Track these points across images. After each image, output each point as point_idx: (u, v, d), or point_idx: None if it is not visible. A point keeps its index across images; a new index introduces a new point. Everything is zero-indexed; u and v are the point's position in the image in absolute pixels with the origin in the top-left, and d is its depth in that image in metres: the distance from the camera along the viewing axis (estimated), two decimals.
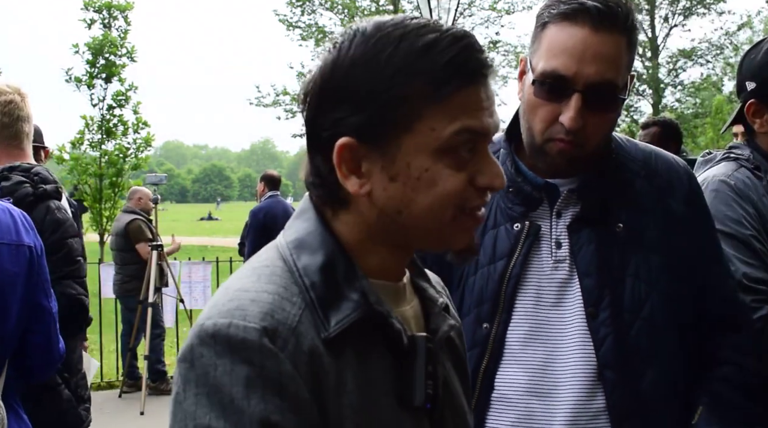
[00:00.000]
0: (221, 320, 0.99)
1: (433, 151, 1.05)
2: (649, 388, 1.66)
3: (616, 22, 1.62)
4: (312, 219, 1.13)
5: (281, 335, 0.99)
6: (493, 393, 1.70)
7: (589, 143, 1.67)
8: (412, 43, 1.03)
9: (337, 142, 1.06)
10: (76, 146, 15.98)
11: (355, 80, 1.04)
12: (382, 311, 1.07)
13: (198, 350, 0.98)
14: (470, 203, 1.09)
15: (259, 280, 1.06)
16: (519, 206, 1.75)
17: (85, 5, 16.46)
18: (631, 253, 1.70)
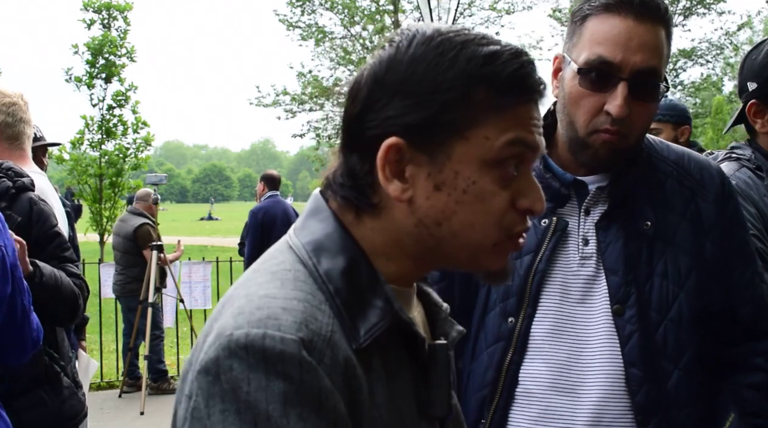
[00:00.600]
0: (254, 330, 0.91)
1: (483, 162, 1.01)
2: (674, 388, 1.66)
3: (657, 12, 1.64)
4: (328, 220, 1.07)
5: (317, 346, 0.92)
6: (517, 388, 1.70)
7: (633, 134, 1.67)
8: (475, 50, 1.01)
9: (384, 141, 1.01)
10: (76, 146, 15.99)
11: (415, 78, 1.01)
12: (406, 319, 1.04)
13: (226, 362, 0.90)
14: (514, 227, 1.05)
15: (284, 286, 0.99)
16: (547, 202, 1.74)
17: (85, 5, 16.46)
18: (660, 252, 1.70)
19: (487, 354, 1.74)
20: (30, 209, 2.70)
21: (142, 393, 7.47)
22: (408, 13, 22.37)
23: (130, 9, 16.74)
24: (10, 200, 2.67)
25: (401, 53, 1.02)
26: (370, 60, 1.06)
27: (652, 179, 1.76)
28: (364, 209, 1.06)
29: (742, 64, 2.38)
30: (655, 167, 1.78)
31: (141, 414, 7.26)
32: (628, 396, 1.65)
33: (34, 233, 2.67)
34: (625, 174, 1.73)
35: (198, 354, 0.95)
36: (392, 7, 22.33)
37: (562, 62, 1.73)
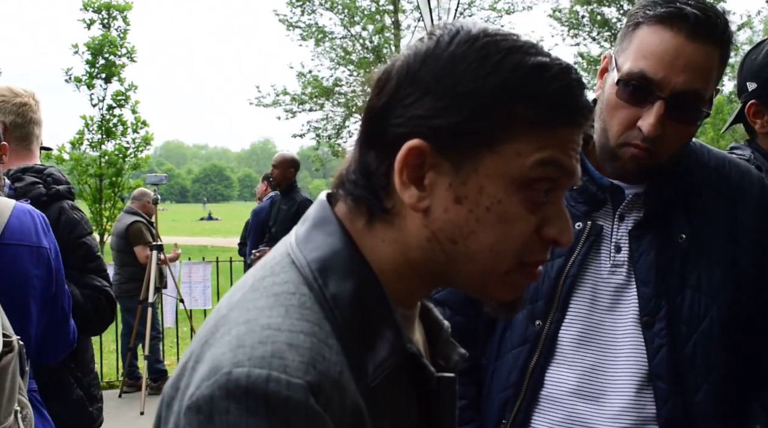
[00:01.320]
0: (256, 370, 0.80)
1: (511, 180, 0.91)
2: (701, 402, 1.63)
3: (713, 32, 1.56)
4: (336, 234, 0.96)
5: (325, 391, 0.82)
6: (541, 391, 1.69)
7: (664, 153, 1.62)
8: (522, 59, 0.91)
9: (407, 142, 0.92)
10: (76, 146, 15.97)
11: (452, 78, 0.91)
12: (415, 351, 0.95)
13: (222, 404, 0.80)
14: (532, 257, 0.96)
15: (288, 314, 0.88)
16: (582, 205, 1.71)
17: (85, 5, 16.45)
18: (693, 264, 1.66)
19: (512, 355, 1.72)
20: (58, 218, 2.71)
21: (142, 393, 7.46)
22: (408, 13, 22.39)
23: (129, 9, 16.72)
24: (42, 208, 2.66)
25: (441, 49, 0.93)
26: (406, 51, 0.97)
27: (690, 187, 1.71)
28: (376, 214, 0.97)
29: (741, 64, 2.38)
30: (694, 175, 1.73)
31: (141, 414, 7.26)
32: (652, 408, 1.62)
33: (58, 242, 2.70)
34: (663, 183, 1.68)
35: (187, 383, 0.85)
36: (392, 7, 22.33)
37: (609, 63, 1.68)
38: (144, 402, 7.38)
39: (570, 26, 23.45)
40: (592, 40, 23.46)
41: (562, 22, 23.47)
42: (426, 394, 0.98)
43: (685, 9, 1.54)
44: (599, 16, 23.04)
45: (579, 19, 23.39)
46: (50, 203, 2.75)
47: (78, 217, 2.79)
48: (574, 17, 23.39)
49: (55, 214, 2.72)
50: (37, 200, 2.70)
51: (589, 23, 23.35)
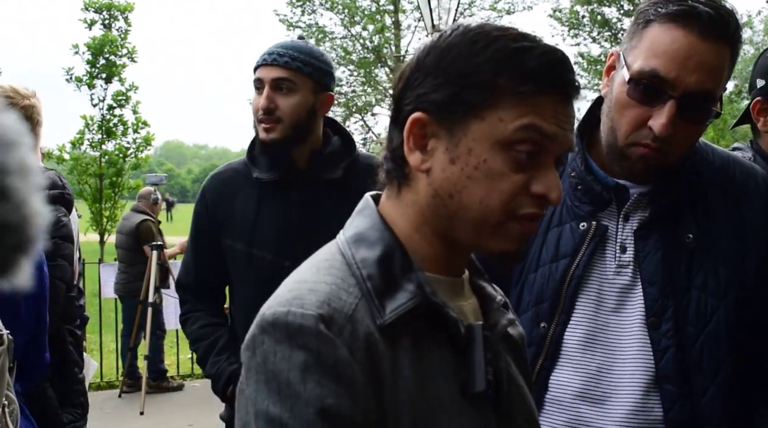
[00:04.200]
0: (280, 308, 1.02)
1: (495, 142, 1.07)
2: (709, 404, 1.61)
3: (725, 31, 1.54)
4: (371, 216, 1.17)
5: (337, 322, 1.02)
6: (546, 395, 1.66)
7: (673, 154, 1.60)
8: (507, 44, 1.08)
9: (412, 115, 1.11)
10: (76, 146, 15.98)
11: (446, 61, 1.10)
12: (438, 301, 1.09)
13: (259, 338, 1.02)
14: (522, 210, 1.10)
15: (318, 272, 1.09)
16: (586, 205, 1.70)
17: (86, 6, 16.45)
18: (700, 265, 1.64)
19: None
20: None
21: (142, 393, 7.46)
22: (408, 13, 22.35)
23: (131, 9, 16.73)
24: None
25: (441, 40, 1.12)
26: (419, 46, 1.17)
27: (695, 187, 1.69)
28: (400, 181, 1.15)
29: (755, 62, 2.38)
30: (699, 174, 1.71)
31: (141, 414, 7.25)
32: (659, 410, 1.60)
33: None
34: (669, 183, 1.67)
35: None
36: (392, 7, 22.31)
37: (616, 61, 1.65)
38: (144, 402, 7.37)
39: (570, 26, 23.42)
40: (593, 40, 23.42)
41: (562, 22, 23.43)
42: (459, 342, 1.11)
43: (698, 7, 1.52)
44: (599, 16, 23.01)
45: (579, 19, 23.36)
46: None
47: (57, 221, 2.76)
48: (575, 17, 23.36)
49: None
50: None
51: (589, 23, 23.31)
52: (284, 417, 0.97)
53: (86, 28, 16.50)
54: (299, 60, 2.50)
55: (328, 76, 2.58)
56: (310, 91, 2.51)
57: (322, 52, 2.61)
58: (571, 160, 1.73)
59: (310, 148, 2.57)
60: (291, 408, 0.97)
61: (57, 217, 2.79)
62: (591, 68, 22.38)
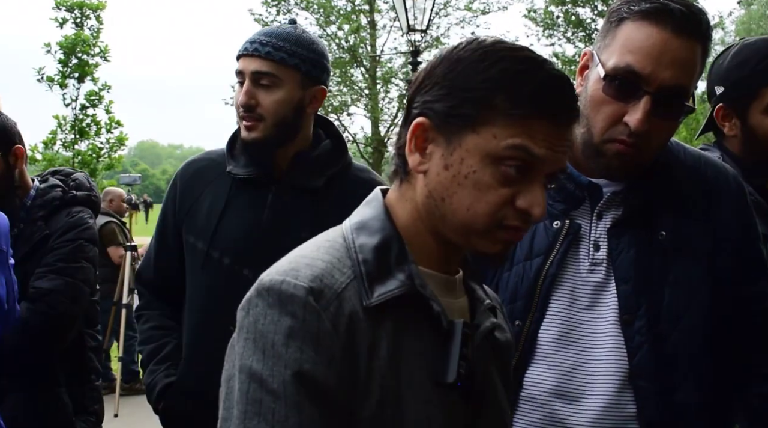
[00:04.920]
0: (277, 276, 1.12)
1: (485, 155, 1.14)
2: (682, 401, 1.62)
3: (697, 28, 1.57)
4: (377, 207, 1.25)
5: (326, 296, 1.11)
6: (520, 392, 1.67)
7: (649, 149, 1.62)
8: (511, 65, 1.14)
9: (416, 119, 1.19)
10: (49, 146, 15.79)
11: (453, 73, 1.17)
12: (425, 293, 1.17)
13: (254, 300, 1.12)
14: (507, 221, 1.17)
15: (318, 250, 1.19)
16: (560, 204, 1.71)
17: (57, 4, 16.24)
18: (673, 262, 1.66)
19: None
20: (62, 222, 2.68)
21: (116, 395, 7.40)
22: (384, 13, 22.36)
23: (103, 8, 16.52)
24: (52, 211, 2.66)
25: (454, 53, 1.20)
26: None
27: (667, 185, 1.71)
28: (403, 177, 1.25)
29: (710, 68, 2.41)
30: (671, 173, 1.73)
31: (115, 416, 7.19)
32: (632, 407, 1.61)
33: (51, 242, 2.64)
34: (641, 181, 1.68)
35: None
36: (368, 6, 22.29)
37: (590, 60, 1.67)
38: (118, 404, 7.31)
39: (545, 27, 23.55)
40: (567, 40, 23.57)
41: (537, 22, 23.55)
42: (439, 334, 1.18)
43: (670, 5, 1.55)
44: (574, 16, 23.16)
45: (554, 20, 23.49)
46: (61, 208, 2.72)
47: (79, 221, 2.72)
48: (549, 18, 23.48)
49: (63, 217, 2.69)
50: (50, 203, 2.70)
51: (563, 24, 23.46)
52: (264, 374, 1.07)
53: (57, 27, 16.30)
54: (284, 50, 2.24)
55: (318, 67, 2.31)
56: (296, 86, 2.26)
57: (313, 40, 2.33)
58: None
59: (296, 148, 2.33)
60: (271, 367, 1.07)
61: (82, 218, 2.75)
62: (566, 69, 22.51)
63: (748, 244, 1.76)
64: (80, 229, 2.70)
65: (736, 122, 2.30)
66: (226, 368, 1.15)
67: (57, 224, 2.67)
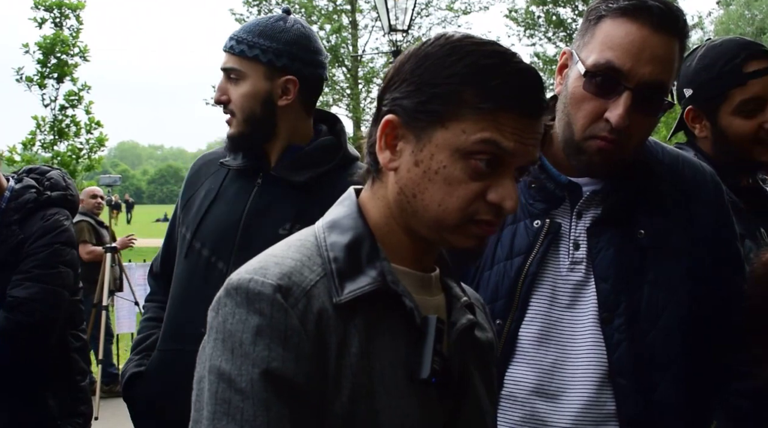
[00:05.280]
0: (245, 275, 1.12)
1: (455, 150, 1.14)
2: (662, 398, 1.63)
3: (675, 24, 1.58)
4: (349, 206, 1.25)
5: (294, 293, 1.11)
6: (501, 391, 1.67)
7: (630, 145, 1.63)
8: (478, 59, 1.14)
9: (386, 117, 1.19)
10: (28, 147, 15.65)
11: (420, 69, 1.17)
12: (397, 290, 1.17)
13: (223, 300, 1.12)
14: (479, 216, 1.17)
15: (288, 249, 1.18)
16: (540, 203, 1.72)
17: (36, 4, 16.10)
18: (651, 260, 1.67)
19: None
20: (37, 225, 2.62)
21: (96, 398, 7.35)
22: (365, 13, 22.38)
23: (82, 8, 16.40)
24: (26, 215, 2.60)
25: (422, 49, 1.20)
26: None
27: (646, 184, 1.72)
28: (374, 175, 1.24)
29: (679, 70, 2.43)
30: (650, 171, 1.74)
31: (95, 419, 7.15)
32: (612, 405, 1.62)
33: (26, 248, 2.58)
34: (621, 180, 1.68)
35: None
36: (349, 6, 22.29)
37: (569, 59, 1.68)
38: (98, 407, 7.26)
39: (526, 26, 23.66)
40: (548, 40, 23.69)
41: (518, 22, 23.66)
42: (412, 330, 1.18)
43: (648, 2, 1.57)
44: (555, 16, 23.28)
45: (535, 20, 23.61)
46: (36, 211, 2.65)
47: (55, 224, 2.66)
48: (530, 18, 23.60)
49: (38, 220, 2.62)
50: (23, 206, 2.62)
51: (544, 23, 23.57)
52: (233, 374, 1.06)
53: (36, 26, 16.16)
54: (245, 43, 2.20)
55: (285, 56, 2.21)
56: (261, 78, 2.20)
57: (285, 28, 2.23)
58: None
59: (285, 143, 2.27)
60: (240, 366, 1.06)
61: (58, 221, 2.69)
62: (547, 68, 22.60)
63: (725, 243, 1.77)
64: (56, 232, 2.65)
65: (706, 124, 2.31)
66: (197, 370, 1.13)
67: (32, 228, 2.62)
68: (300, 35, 2.25)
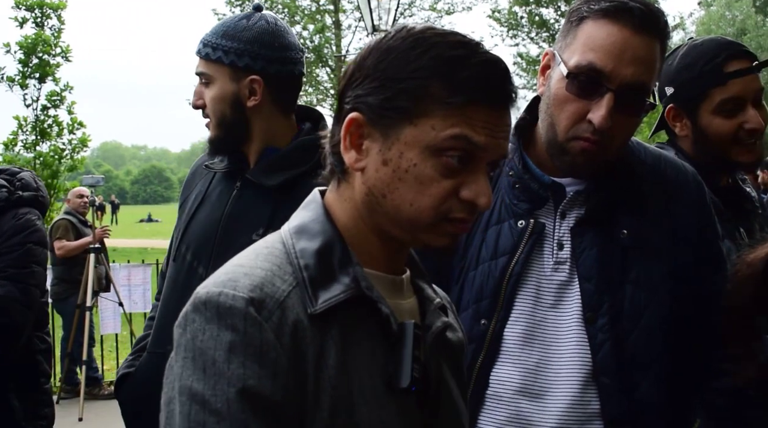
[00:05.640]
0: (214, 289, 1.06)
1: (425, 148, 1.10)
2: (644, 397, 1.65)
3: (656, 26, 1.59)
4: (316, 209, 1.20)
5: (267, 306, 1.05)
6: (486, 391, 1.68)
7: (613, 146, 1.64)
8: (443, 51, 1.10)
9: (349, 115, 1.14)
10: (9, 148, 15.53)
11: (383, 64, 1.12)
12: (372, 296, 1.13)
13: (191, 316, 1.05)
14: (453, 214, 1.13)
15: (256, 258, 1.12)
16: (524, 203, 1.72)
17: (17, 4, 15.96)
18: (634, 260, 1.68)
19: None
20: (8, 224, 2.61)
21: (80, 399, 7.31)
22: (349, 13, 22.36)
23: (64, 7, 16.28)
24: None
25: (383, 43, 1.14)
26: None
27: (629, 184, 1.73)
28: (340, 176, 1.19)
29: (659, 71, 2.45)
30: (632, 172, 1.75)
31: (79, 420, 7.12)
32: (596, 404, 1.63)
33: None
34: (604, 181, 1.69)
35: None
36: (333, 6, 22.27)
37: (551, 60, 1.68)
38: (82, 408, 7.23)
39: (509, 27, 23.73)
40: (531, 40, 23.77)
41: (501, 22, 23.72)
42: (388, 337, 1.14)
43: (629, 3, 1.58)
44: (537, 17, 23.36)
45: (518, 20, 23.68)
46: (7, 210, 2.65)
47: (27, 223, 2.65)
48: (513, 18, 23.67)
49: (9, 220, 2.62)
50: None
51: (527, 24, 23.65)
52: (207, 394, 1.00)
53: (17, 26, 16.04)
54: (210, 46, 2.14)
55: (246, 56, 2.12)
56: (227, 80, 2.14)
57: (246, 27, 2.15)
58: (509, 159, 1.75)
59: (262, 144, 2.21)
60: (213, 386, 1.00)
61: (30, 220, 2.68)
62: (530, 68, 22.69)
63: (707, 243, 1.79)
64: (28, 232, 2.65)
65: (686, 123, 2.32)
66: (165, 390, 1.06)
67: (3, 227, 2.62)
68: (262, 32, 2.16)
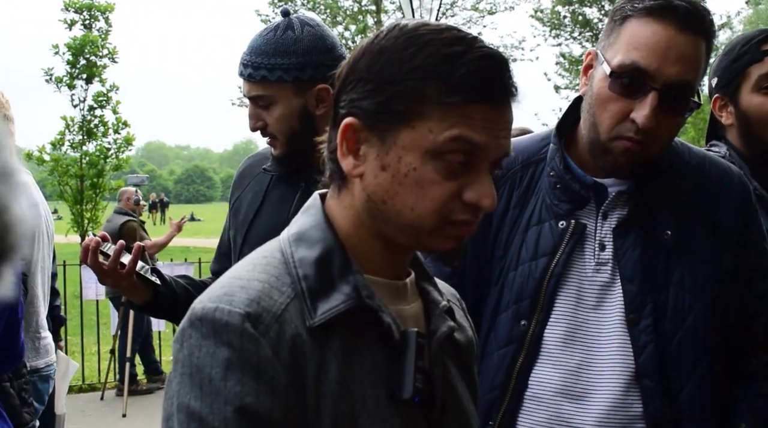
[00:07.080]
0: (210, 304, 1.03)
1: (424, 151, 1.06)
2: (687, 399, 1.63)
3: (701, 24, 1.58)
4: (316, 215, 1.16)
5: (264, 321, 1.02)
6: (526, 392, 1.67)
7: (656, 146, 1.62)
8: (438, 49, 1.06)
9: (345, 120, 1.10)
10: (57, 147, 15.84)
11: (377, 66, 1.08)
12: (373, 305, 1.09)
13: (188, 332, 1.03)
14: (456, 216, 1.09)
15: (253, 269, 1.10)
16: (565, 204, 1.71)
17: (66, 6, 16.31)
18: (677, 262, 1.66)
19: (497, 355, 1.71)
20: None
21: (124, 395, 7.43)
22: (390, 14, 22.38)
23: (111, 10, 16.59)
24: None
25: (375, 43, 1.10)
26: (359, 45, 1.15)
27: (672, 185, 1.71)
28: (339, 183, 1.15)
29: (705, 70, 2.45)
30: (676, 173, 1.73)
31: (123, 416, 7.22)
32: (638, 406, 1.61)
33: None
34: (646, 181, 1.68)
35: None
36: (375, 7, 22.32)
37: (594, 59, 1.68)
38: (126, 404, 7.34)
39: (552, 26, 23.54)
40: (574, 40, 23.56)
41: (543, 22, 23.54)
42: (391, 347, 1.10)
43: (673, 1, 1.56)
44: (581, 16, 23.15)
45: (560, 20, 23.49)
46: None
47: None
48: (556, 17, 23.48)
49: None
50: None
51: (570, 23, 23.45)
52: (204, 412, 0.98)
53: (66, 28, 16.35)
54: (263, 67, 2.12)
55: (310, 66, 2.13)
56: (291, 96, 2.14)
57: (297, 38, 2.14)
58: (550, 159, 1.74)
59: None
60: (211, 404, 0.98)
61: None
62: (572, 68, 22.49)
63: (751, 245, 1.76)
64: None
65: (731, 110, 2.33)
66: (164, 406, 1.04)
67: None
68: (314, 39, 2.16)
